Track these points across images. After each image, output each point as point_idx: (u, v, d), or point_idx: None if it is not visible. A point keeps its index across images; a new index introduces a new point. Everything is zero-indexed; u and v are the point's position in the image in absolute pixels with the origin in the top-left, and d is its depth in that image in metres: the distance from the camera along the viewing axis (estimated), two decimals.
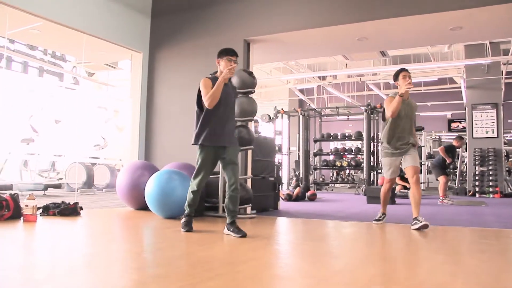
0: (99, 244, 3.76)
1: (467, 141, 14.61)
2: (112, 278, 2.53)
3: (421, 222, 4.86)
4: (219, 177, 6.10)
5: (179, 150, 7.27)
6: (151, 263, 3.02)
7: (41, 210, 5.47)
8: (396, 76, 5.29)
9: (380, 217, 5.61)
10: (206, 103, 4.28)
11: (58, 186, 11.46)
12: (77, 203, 5.68)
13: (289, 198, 10.34)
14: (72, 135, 6.89)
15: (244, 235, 4.12)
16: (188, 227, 4.49)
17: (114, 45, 7.52)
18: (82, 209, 5.78)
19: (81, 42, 7.27)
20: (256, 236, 4.32)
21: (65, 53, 14.51)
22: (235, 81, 6.23)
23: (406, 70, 5.25)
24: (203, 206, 6.16)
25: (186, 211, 4.56)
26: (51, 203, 5.63)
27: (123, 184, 6.46)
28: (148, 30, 8.03)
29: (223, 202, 6.02)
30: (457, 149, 10.50)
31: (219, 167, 4.67)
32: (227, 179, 4.37)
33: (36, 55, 15.28)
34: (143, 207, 6.18)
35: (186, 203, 4.57)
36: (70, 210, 5.55)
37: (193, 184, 4.49)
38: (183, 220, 4.56)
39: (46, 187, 10.44)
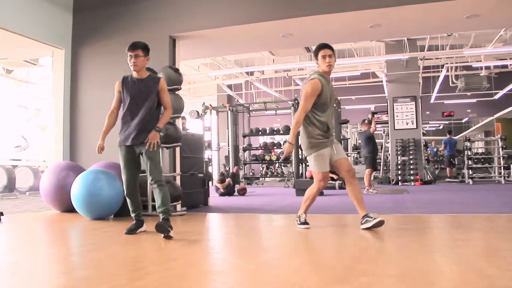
0: (23, 250, 3.63)
1: (389, 132, 15.31)
2: (37, 284, 2.46)
3: (374, 219, 4.17)
4: (146, 175, 6.03)
5: (106, 150, 7.06)
6: (79, 266, 2.97)
7: None
8: (315, 54, 4.47)
9: (305, 219, 4.60)
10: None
11: None
12: None
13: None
14: None
15: (166, 234, 3.88)
16: (127, 231, 4.28)
17: (33, 41, 7.20)
18: (3, 215, 5.52)
19: None
20: (186, 233, 4.35)
21: None
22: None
23: (328, 47, 4.41)
24: None
25: None
26: None
27: (48, 186, 6.24)
28: (70, 26, 7.76)
29: (153, 201, 6.00)
30: (371, 133, 10.68)
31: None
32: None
33: None
34: (70, 209, 6.00)
35: None
36: None
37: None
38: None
39: None
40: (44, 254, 3.44)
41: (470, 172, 13.78)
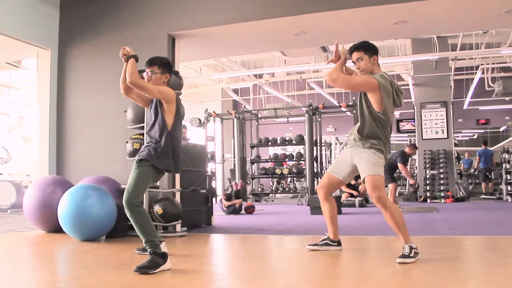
0: (4, 276, 3.65)
1: (416, 142, 15.24)
2: None
3: (410, 256, 3.72)
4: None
5: (97, 162, 7.13)
6: None
7: None
8: None
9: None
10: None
11: None
12: None
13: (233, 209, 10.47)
14: None
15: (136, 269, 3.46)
16: None
17: (15, 41, 7.26)
18: None
19: None
20: (187, 257, 4.35)
21: None
22: None
23: (352, 51, 4.30)
24: (126, 225, 6.10)
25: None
26: None
27: (32, 203, 6.27)
28: (57, 24, 7.82)
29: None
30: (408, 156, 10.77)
31: None
32: None
33: None
34: (57, 229, 6.02)
35: None
36: None
37: None
38: None
39: None
40: (28, 280, 3.46)
41: (509, 188, 13.68)
